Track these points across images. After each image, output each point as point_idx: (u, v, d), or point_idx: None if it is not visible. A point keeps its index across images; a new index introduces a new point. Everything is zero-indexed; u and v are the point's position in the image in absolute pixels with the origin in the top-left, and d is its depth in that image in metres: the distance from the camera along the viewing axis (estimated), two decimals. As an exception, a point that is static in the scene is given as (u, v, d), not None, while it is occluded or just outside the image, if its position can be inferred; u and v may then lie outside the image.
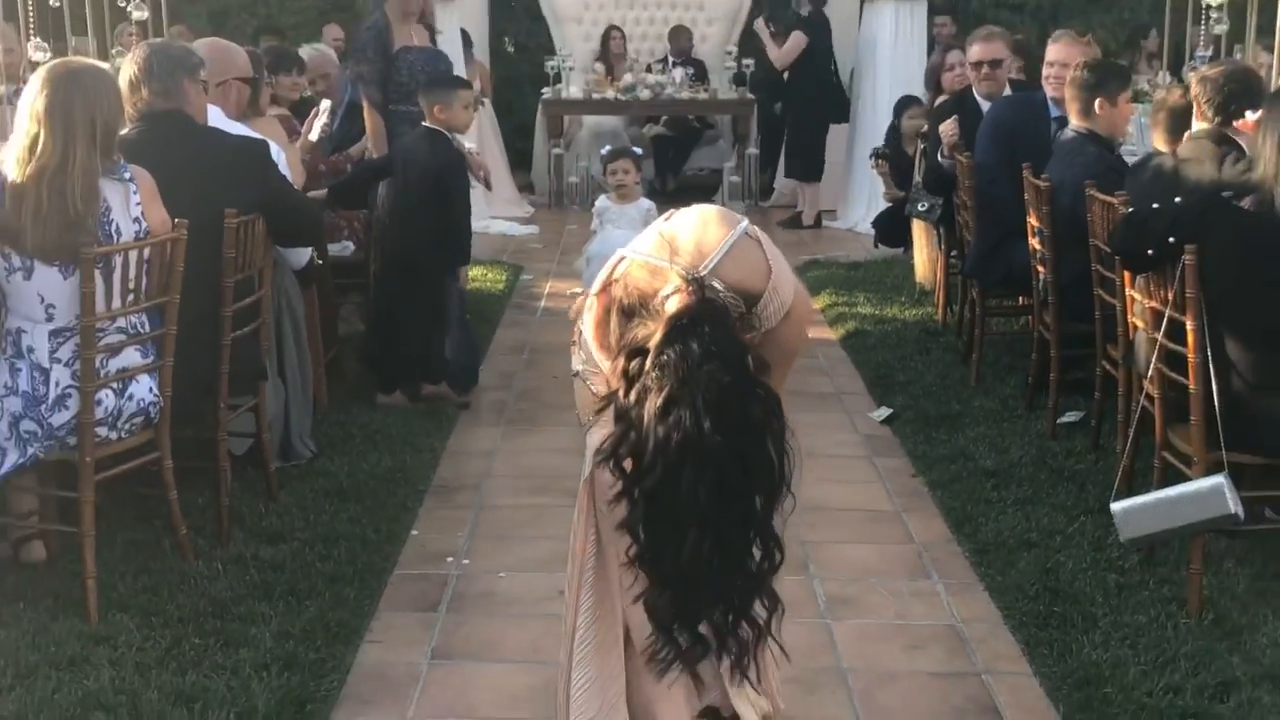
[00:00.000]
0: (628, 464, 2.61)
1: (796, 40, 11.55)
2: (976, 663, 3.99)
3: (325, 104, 6.72)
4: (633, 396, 2.60)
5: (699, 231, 2.79)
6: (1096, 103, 5.95)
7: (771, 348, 2.86)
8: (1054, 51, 6.80)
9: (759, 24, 12.40)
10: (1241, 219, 4.13)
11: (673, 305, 2.64)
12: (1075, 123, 6.02)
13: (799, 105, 11.82)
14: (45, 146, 3.98)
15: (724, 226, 2.78)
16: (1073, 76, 6.11)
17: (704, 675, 3.13)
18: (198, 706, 3.57)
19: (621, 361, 2.66)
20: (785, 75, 11.83)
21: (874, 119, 11.44)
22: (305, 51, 8.09)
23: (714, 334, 2.59)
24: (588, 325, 2.92)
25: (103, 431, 4.15)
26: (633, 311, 2.74)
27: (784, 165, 12.32)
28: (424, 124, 6.35)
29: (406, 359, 6.45)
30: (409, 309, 6.39)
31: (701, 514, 2.55)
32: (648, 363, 2.58)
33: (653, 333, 2.60)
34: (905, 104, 9.43)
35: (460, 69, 11.12)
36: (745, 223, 2.79)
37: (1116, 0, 14.70)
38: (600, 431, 2.91)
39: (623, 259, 2.86)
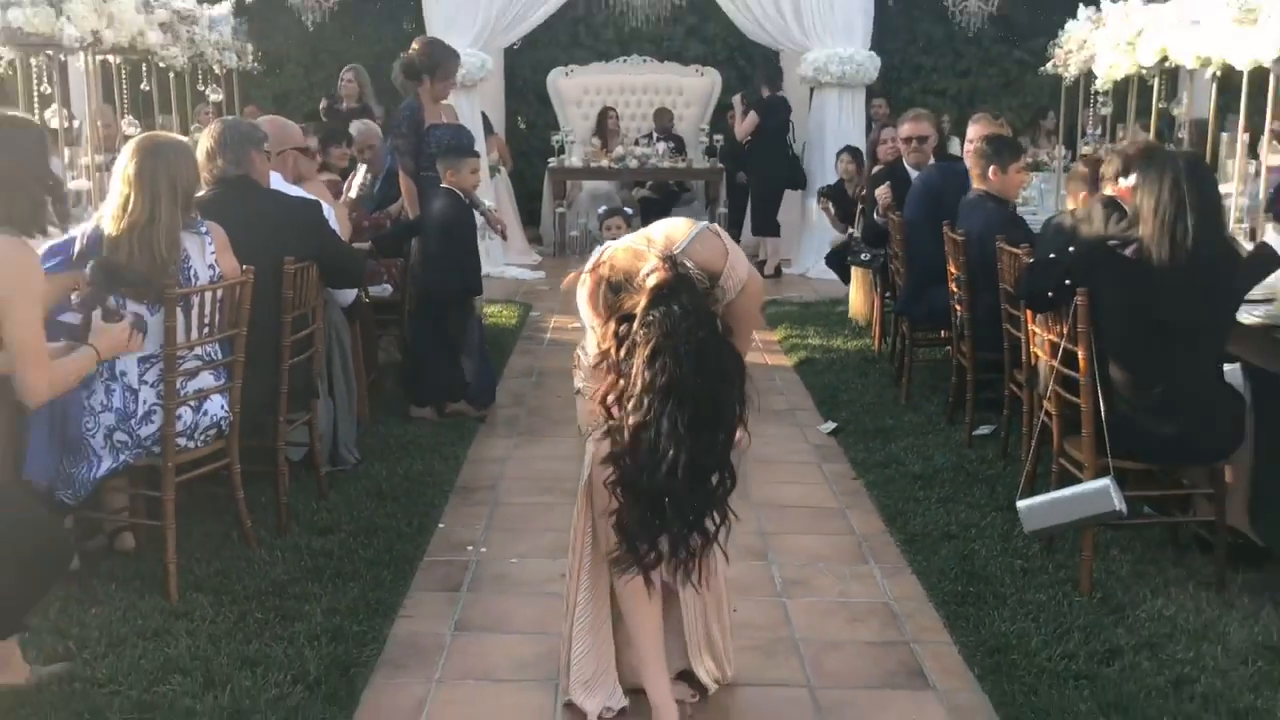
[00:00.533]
0: (616, 409, 2.74)
1: (751, 119, 11.56)
2: (906, 633, 3.98)
3: (362, 168, 6.76)
4: (623, 352, 2.74)
5: (669, 228, 3.01)
6: (991, 170, 6.03)
7: (732, 317, 3.00)
8: (973, 130, 6.88)
9: (736, 99, 12.45)
10: (1123, 264, 4.14)
11: (653, 279, 2.78)
12: (975, 185, 6.14)
13: (758, 173, 11.78)
14: (135, 206, 3.98)
15: (689, 224, 3.01)
16: (975, 148, 6.20)
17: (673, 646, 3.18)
18: (260, 670, 3.55)
19: (612, 326, 2.79)
20: (745, 146, 11.83)
21: (824, 184, 11.48)
22: (355, 126, 8.10)
23: (689, 300, 2.74)
24: (581, 297, 3.04)
25: (182, 441, 4.13)
26: (619, 287, 2.88)
27: (749, 223, 12.32)
28: (441, 185, 6.41)
29: (434, 381, 6.46)
30: (436, 340, 6.43)
31: (679, 441, 2.65)
32: (635, 324, 2.69)
33: (638, 301, 2.74)
34: (842, 151, 9.76)
35: (481, 144, 11.19)
36: (706, 222, 3.01)
37: (1022, 87, 14.77)
38: (598, 444, 2.95)
39: (608, 247, 3.00)
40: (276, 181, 5.17)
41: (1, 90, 6.08)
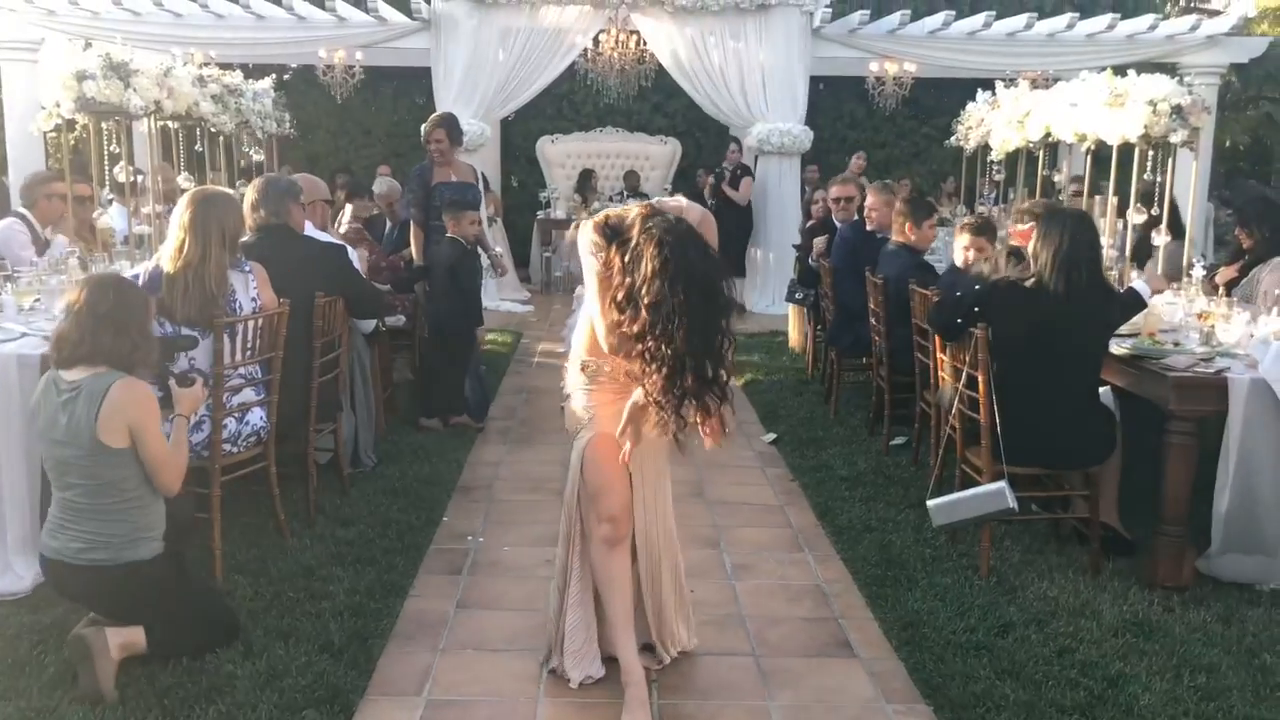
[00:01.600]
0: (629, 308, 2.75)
1: (748, 183, 11.45)
2: (835, 611, 3.97)
3: (349, 207, 6.70)
4: (628, 259, 2.77)
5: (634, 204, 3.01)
6: (907, 226, 6.06)
7: None
8: (871, 199, 6.83)
9: (703, 177, 12.43)
10: (1025, 295, 4.16)
11: (642, 211, 2.86)
12: (895, 237, 6.13)
13: (726, 226, 11.51)
14: (190, 249, 3.95)
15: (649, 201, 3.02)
16: (897, 207, 6.22)
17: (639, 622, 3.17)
18: (291, 641, 3.50)
19: (614, 248, 2.83)
20: (715, 203, 11.54)
21: (766, 237, 11.58)
22: (379, 184, 8.08)
23: (673, 216, 2.83)
24: (583, 246, 3.01)
25: (227, 447, 4.08)
26: (615, 227, 2.88)
27: None
28: (447, 235, 6.38)
29: (441, 397, 6.42)
30: (443, 362, 6.39)
31: (690, 310, 2.66)
32: (635, 234, 2.77)
33: (634, 225, 2.81)
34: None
35: (481, 199, 11.15)
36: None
37: (929, 156, 14.91)
38: (579, 403, 3.08)
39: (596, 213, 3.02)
40: (309, 228, 5.13)
41: (76, 150, 6.00)
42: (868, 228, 6.72)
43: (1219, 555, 4.10)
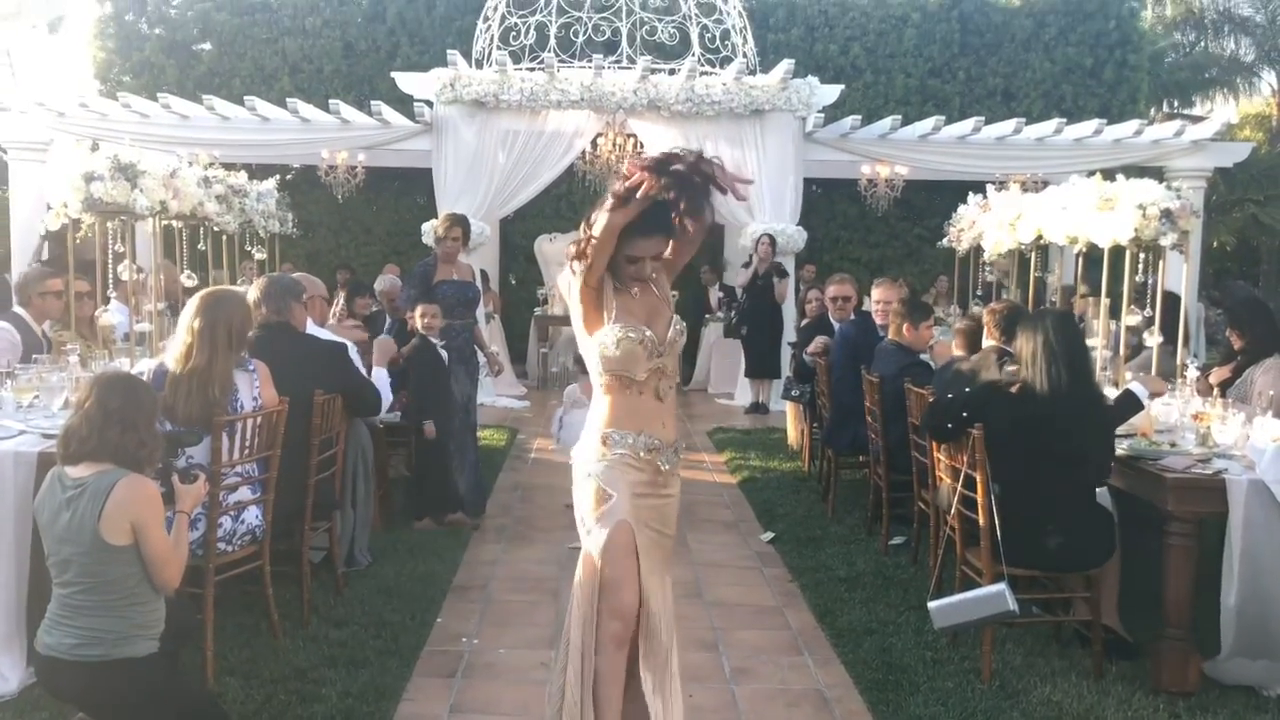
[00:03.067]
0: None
1: (785, 285, 11.25)
2: (836, 717, 3.89)
3: (340, 297, 6.76)
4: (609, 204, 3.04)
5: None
6: (905, 326, 6.11)
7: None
8: (878, 292, 6.96)
9: (708, 274, 12.34)
10: (1010, 401, 4.18)
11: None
12: (891, 336, 6.20)
13: (758, 324, 11.15)
14: (197, 354, 3.98)
15: None
16: (894, 309, 6.28)
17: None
18: (281, 747, 3.42)
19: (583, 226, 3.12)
20: (744, 303, 11.33)
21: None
22: (381, 280, 8.15)
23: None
24: (562, 278, 3.24)
25: (222, 546, 4.05)
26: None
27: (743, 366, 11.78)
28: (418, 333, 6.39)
29: (429, 495, 6.35)
30: (427, 459, 6.35)
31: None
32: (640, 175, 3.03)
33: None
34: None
35: (480, 297, 11.24)
36: None
37: (921, 256, 15.11)
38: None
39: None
40: (309, 325, 5.17)
41: (79, 249, 6.06)
42: (879, 321, 6.76)
43: (1226, 660, 4.04)
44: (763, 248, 11.20)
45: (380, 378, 5.51)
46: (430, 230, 9.89)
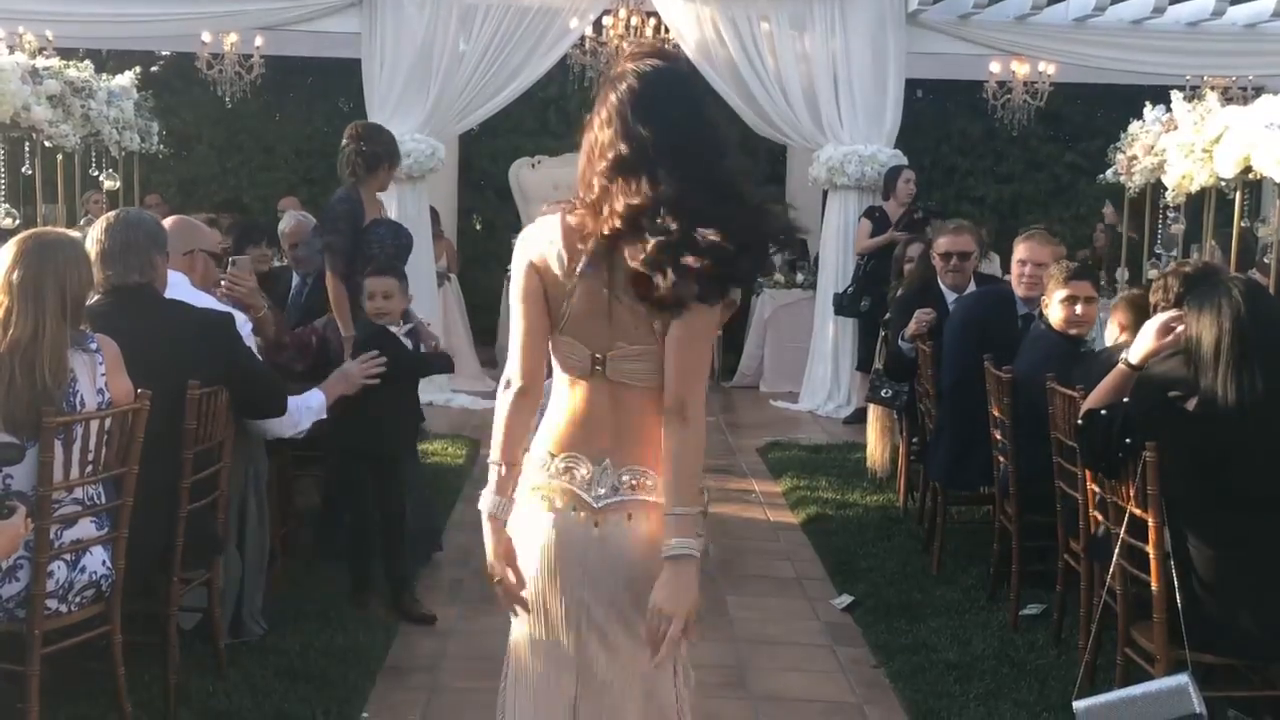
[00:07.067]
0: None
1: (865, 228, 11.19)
2: None
3: (245, 260, 6.53)
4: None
5: None
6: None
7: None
8: (1023, 250, 6.76)
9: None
10: (1186, 421, 4.17)
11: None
12: (1051, 318, 6.07)
13: (874, 297, 10.79)
14: (17, 320, 4.00)
15: None
16: (1051, 271, 6.18)
17: None
18: None
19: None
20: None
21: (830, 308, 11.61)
22: (286, 221, 8.13)
23: None
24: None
25: (52, 604, 4.08)
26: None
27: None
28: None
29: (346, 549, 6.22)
30: (344, 496, 6.27)
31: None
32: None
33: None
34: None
35: (428, 246, 11.28)
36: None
37: (1075, 196, 15.05)
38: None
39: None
40: (181, 285, 5.18)
41: None
42: (1020, 293, 6.68)
43: None
44: (905, 186, 11.11)
45: (313, 404, 5.47)
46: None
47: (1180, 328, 4.36)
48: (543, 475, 3.04)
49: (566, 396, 3.08)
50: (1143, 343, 4.58)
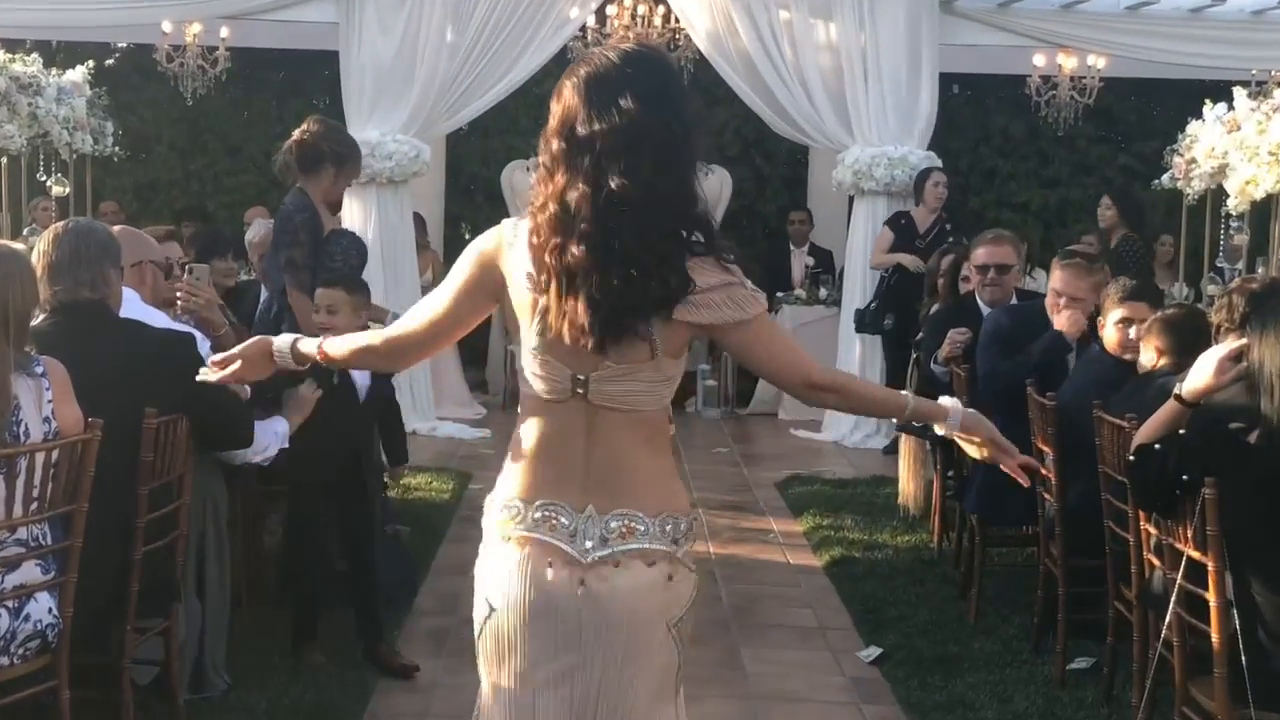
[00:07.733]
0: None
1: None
2: None
3: (204, 269, 6.52)
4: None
5: None
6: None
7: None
8: (1060, 280, 6.65)
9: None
10: (1248, 455, 4.17)
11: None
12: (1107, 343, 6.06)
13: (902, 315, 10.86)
14: None
15: None
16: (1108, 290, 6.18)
17: None
18: None
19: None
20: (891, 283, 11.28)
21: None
22: (254, 230, 8.14)
23: None
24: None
25: (-6, 656, 4.09)
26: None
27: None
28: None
29: (296, 600, 6.16)
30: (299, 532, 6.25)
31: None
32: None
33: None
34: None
35: (412, 258, 11.31)
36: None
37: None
38: None
39: None
40: (133, 303, 5.20)
41: None
42: (1060, 327, 6.52)
43: None
44: (934, 190, 11.17)
45: (279, 430, 5.49)
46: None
47: (1244, 363, 4.34)
48: (516, 527, 3.05)
49: (535, 426, 3.09)
50: (1199, 377, 4.54)
